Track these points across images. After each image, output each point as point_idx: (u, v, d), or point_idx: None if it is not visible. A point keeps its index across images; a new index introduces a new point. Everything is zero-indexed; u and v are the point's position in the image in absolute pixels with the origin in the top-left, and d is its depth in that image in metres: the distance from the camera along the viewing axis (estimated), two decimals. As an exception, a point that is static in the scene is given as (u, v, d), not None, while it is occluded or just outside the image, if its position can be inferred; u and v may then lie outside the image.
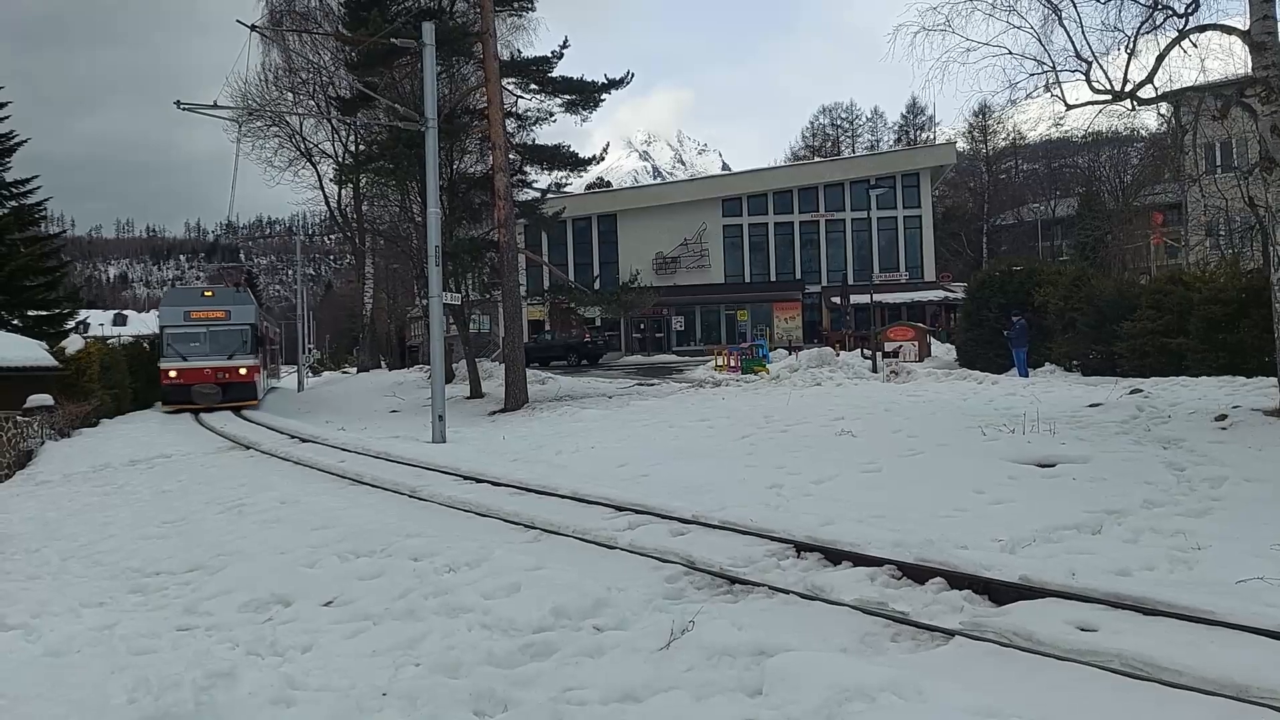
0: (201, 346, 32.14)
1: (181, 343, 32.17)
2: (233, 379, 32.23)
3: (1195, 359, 21.23)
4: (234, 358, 32.34)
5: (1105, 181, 54.08)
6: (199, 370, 31.77)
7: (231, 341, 32.51)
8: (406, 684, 5.37)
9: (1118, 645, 5.25)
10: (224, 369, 32.07)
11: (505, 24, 31.63)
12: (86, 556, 9.38)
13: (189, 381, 31.59)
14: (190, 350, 32.02)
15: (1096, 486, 9.88)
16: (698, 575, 7.56)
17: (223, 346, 32.31)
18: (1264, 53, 12.41)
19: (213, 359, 32.01)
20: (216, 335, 32.39)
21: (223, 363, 32.08)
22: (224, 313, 32.67)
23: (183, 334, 32.33)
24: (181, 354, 31.92)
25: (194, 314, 32.67)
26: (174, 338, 32.31)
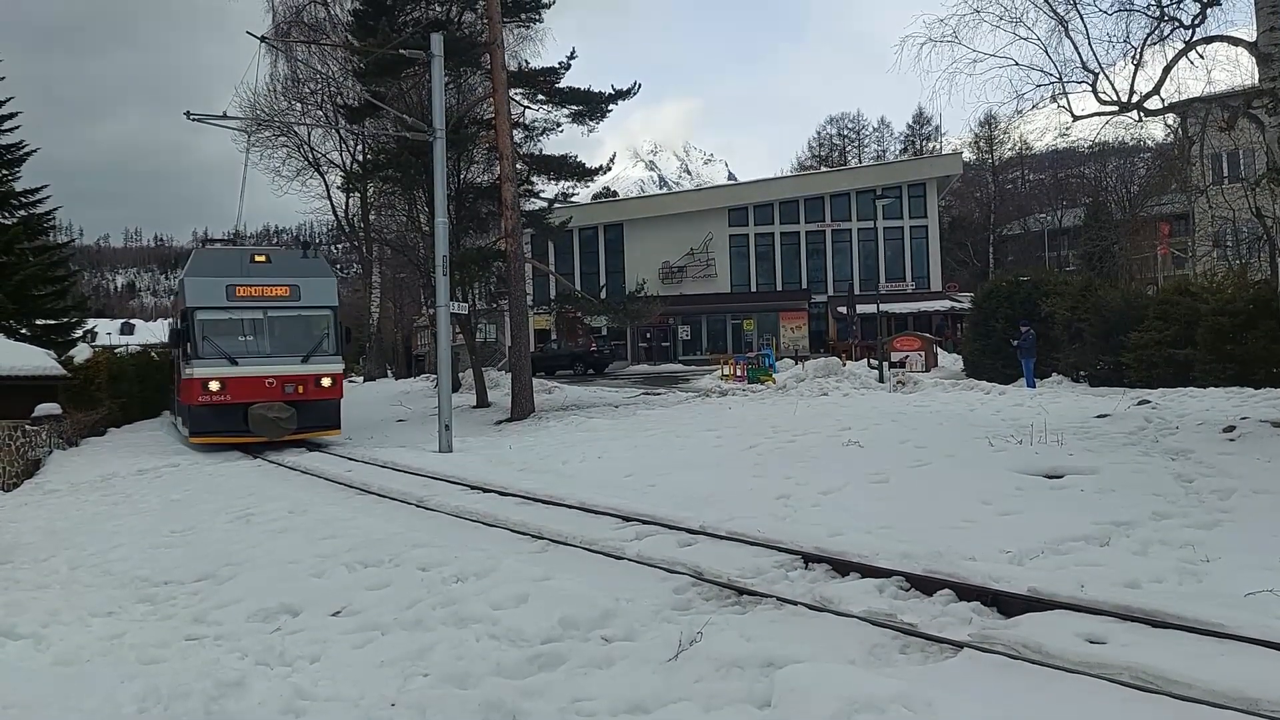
0: (259, 342, 20.54)
1: (225, 335, 20.30)
2: (310, 394, 20.44)
3: (1203, 370, 21.18)
4: (311, 360, 20.64)
5: (1112, 192, 53.99)
6: (258, 381, 19.92)
7: (306, 334, 20.98)
8: (415, 694, 5.38)
9: (1127, 658, 5.24)
10: (297, 379, 20.32)
11: (513, 35, 31.71)
12: (95, 566, 9.41)
13: (243, 398, 19.75)
14: (241, 348, 20.27)
15: (1104, 498, 9.86)
16: (706, 586, 7.56)
17: (293, 343, 20.74)
18: (1271, 64, 12.42)
19: (279, 362, 20.31)
20: (283, 325, 20.84)
21: (295, 368, 20.35)
22: (288, 288, 20.84)
23: (227, 322, 20.47)
24: (226, 353, 19.89)
25: (242, 290, 20.46)
26: (212, 327, 20.22)
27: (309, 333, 21.03)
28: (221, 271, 20.72)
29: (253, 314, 20.65)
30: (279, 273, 21.08)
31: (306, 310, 21.10)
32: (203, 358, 19.80)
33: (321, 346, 20.92)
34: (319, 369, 20.67)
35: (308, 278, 21.25)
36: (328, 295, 21.56)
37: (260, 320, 20.67)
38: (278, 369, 20.15)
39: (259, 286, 20.66)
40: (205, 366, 19.69)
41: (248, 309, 20.57)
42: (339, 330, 21.50)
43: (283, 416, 19.86)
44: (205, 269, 21.03)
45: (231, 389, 19.69)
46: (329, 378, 20.87)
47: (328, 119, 39.54)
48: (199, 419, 19.99)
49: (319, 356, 20.77)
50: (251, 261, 21.16)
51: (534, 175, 30.69)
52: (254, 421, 19.64)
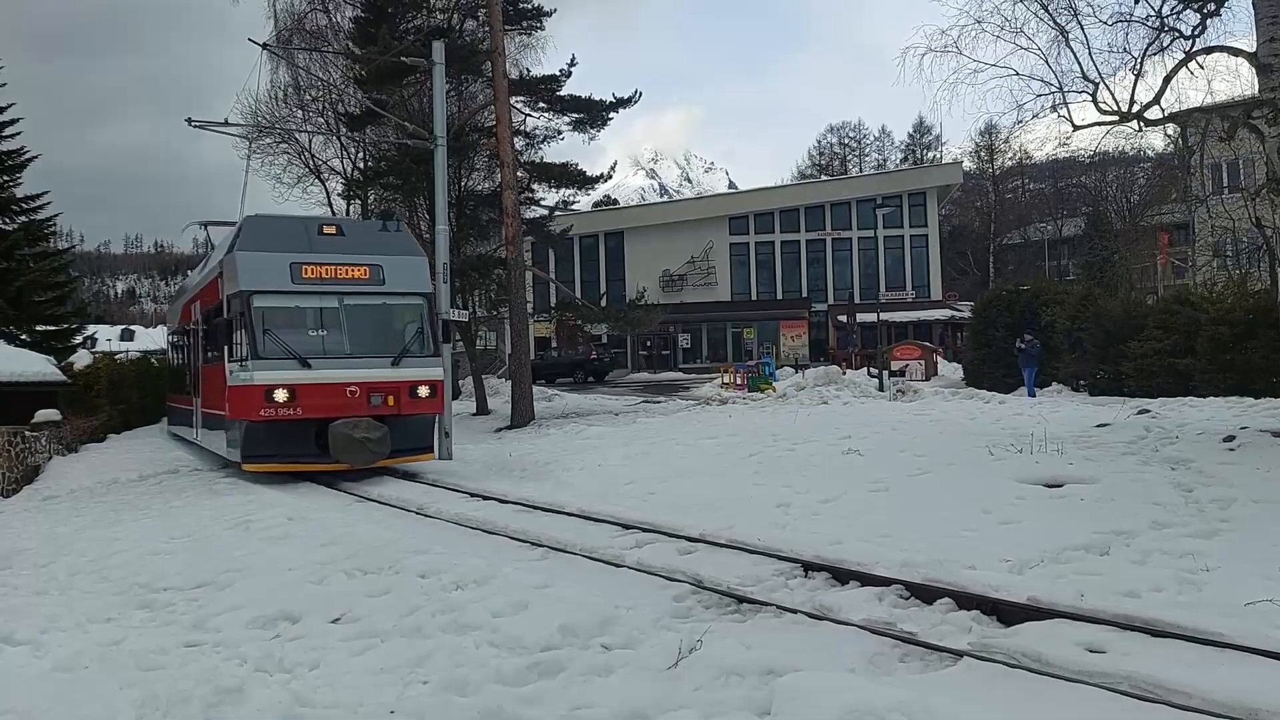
0: (336, 338, 15.71)
1: (291, 328, 15.54)
2: (404, 407, 15.68)
3: (1203, 379, 21.20)
4: (404, 363, 15.81)
5: (1112, 201, 54.06)
6: (338, 390, 15.18)
7: (395, 329, 16.45)
8: (414, 702, 5.37)
9: (1126, 667, 5.24)
10: (387, 387, 15.56)
11: (514, 43, 31.79)
12: (94, 572, 9.39)
13: (317, 412, 15.06)
14: (313, 346, 15.47)
15: (1104, 507, 9.86)
16: (705, 594, 7.56)
17: (379, 339, 16.05)
18: (1271, 74, 12.44)
19: (363, 365, 15.51)
20: (364, 316, 16.11)
21: (384, 374, 15.59)
22: (368, 269, 16.16)
23: (293, 311, 15.80)
24: (296, 353, 15.12)
25: (310, 269, 15.79)
26: (275, 317, 15.48)
27: (398, 327, 16.38)
28: (283, 245, 15.84)
29: (326, 301, 15.67)
30: (355, 248, 16.27)
31: (393, 297, 16.30)
32: (264, 357, 14.84)
33: (415, 345, 16.12)
34: (415, 374, 15.78)
35: (392, 255, 16.43)
36: (418, 278, 16.67)
37: (335, 310, 15.65)
38: (363, 374, 15.24)
39: (332, 266, 15.82)
40: (268, 369, 14.79)
41: (319, 294, 15.63)
42: (436, 323, 16.69)
43: (373, 437, 14.85)
44: (261, 241, 15.93)
45: (303, 399, 14.79)
46: (427, 385, 15.88)
47: (329, 126, 39.59)
48: (257, 439, 15.17)
49: (413, 358, 15.91)
50: (320, 234, 16.26)
51: (535, 183, 30.76)
52: (337, 444, 14.72)
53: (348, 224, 18.39)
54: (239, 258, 15.80)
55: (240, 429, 15.55)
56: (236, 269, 15.73)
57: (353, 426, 14.87)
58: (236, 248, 15.98)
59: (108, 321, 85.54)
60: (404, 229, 17.84)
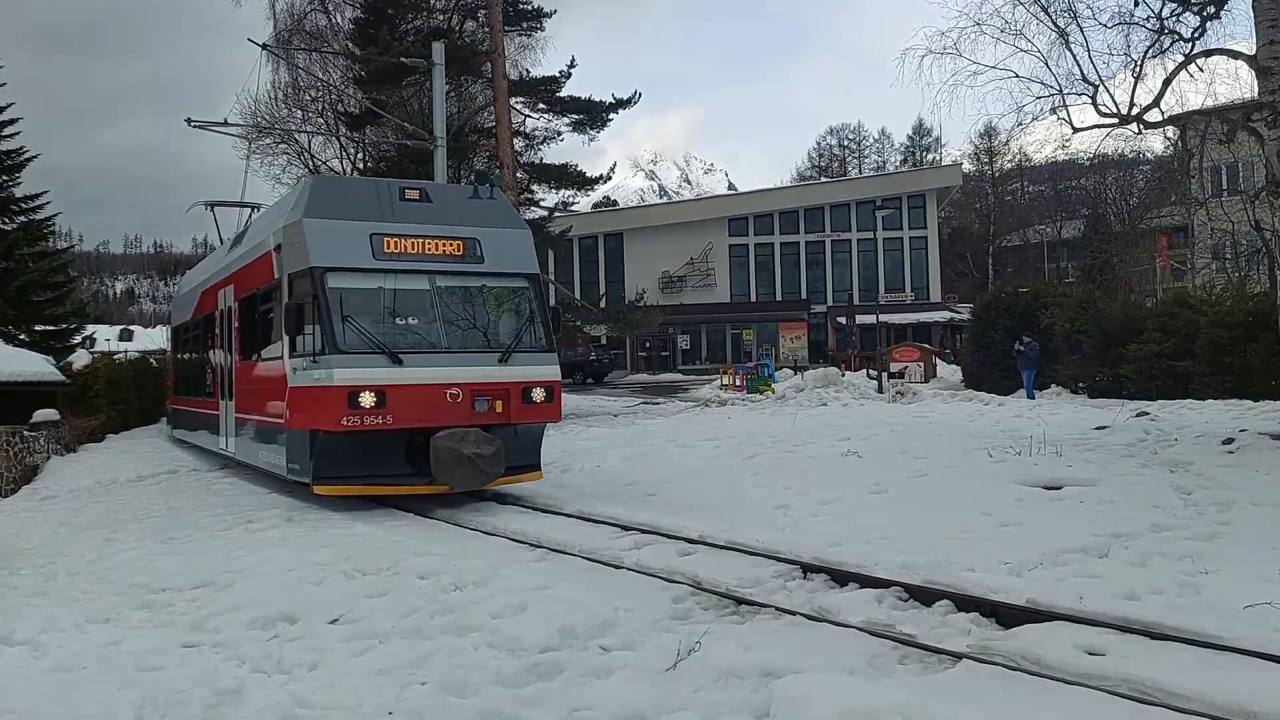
0: (430, 329, 12.75)
1: (374, 316, 12.60)
2: (514, 414, 12.72)
3: (1202, 382, 21.22)
4: (513, 359, 12.82)
5: (1111, 204, 54.09)
6: (436, 394, 12.16)
7: (498, 317, 13.47)
8: (413, 703, 5.37)
9: (1126, 670, 5.24)
10: (495, 389, 12.55)
11: (514, 44, 31.81)
12: (93, 572, 9.37)
13: (411, 421, 12.04)
14: (402, 338, 12.55)
15: (1104, 509, 9.87)
16: (704, 596, 7.56)
17: (480, 330, 13.14)
18: (1270, 77, 12.46)
19: (464, 362, 12.63)
20: (460, 301, 13.19)
21: (491, 372, 12.62)
22: (462, 243, 13.18)
23: (376, 294, 12.74)
24: (384, 346, 12.15)
25: (393, 242, 12.82)
26: (355, 302, 12.52)
27: (501, 314, 13.32)
28: (360, 211, 12.82)
29: (415, 282, 12.70)
30: (445, 218, 13.22)
31: (494, 278, 13.25)
32: (346, 351, 11.82)
33: (525, 337, 13.03)
34: (528, 373, 12.69)
35: (490, 227, 13.36)
36: (523, 255, 13.65)
37: (426, 293, 12.71)
38: (465, 373, 12.27)
39: (419, 239, 12.81)
40: (352, 367, 11.71)
41: (406, 273, 12.66)
42: (546, 310, 13.66)
43: (485, 453, 11.78)
44: (334, 206, 12.88)
45: (395, 405, 11.72)
46: (543, 387, 12.73)
47: (328, 127, 39.59)
48: (333, 454, 12.03)
49: (525, 353, 12.82)
50: (401, 199, 13.15)
51: (534, 184, 30.80)
52: (441, 461, 11.61)
53: (434, 188, 14.48)
54: (308, 226, 12.54)
55: (309, 442, 12.24)
56: (305, 240, 12.47)
57: (460, 439, 11.70)
58: (304, 213, 12.68)
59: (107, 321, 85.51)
60: (500, 195, 14.32)
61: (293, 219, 13.03)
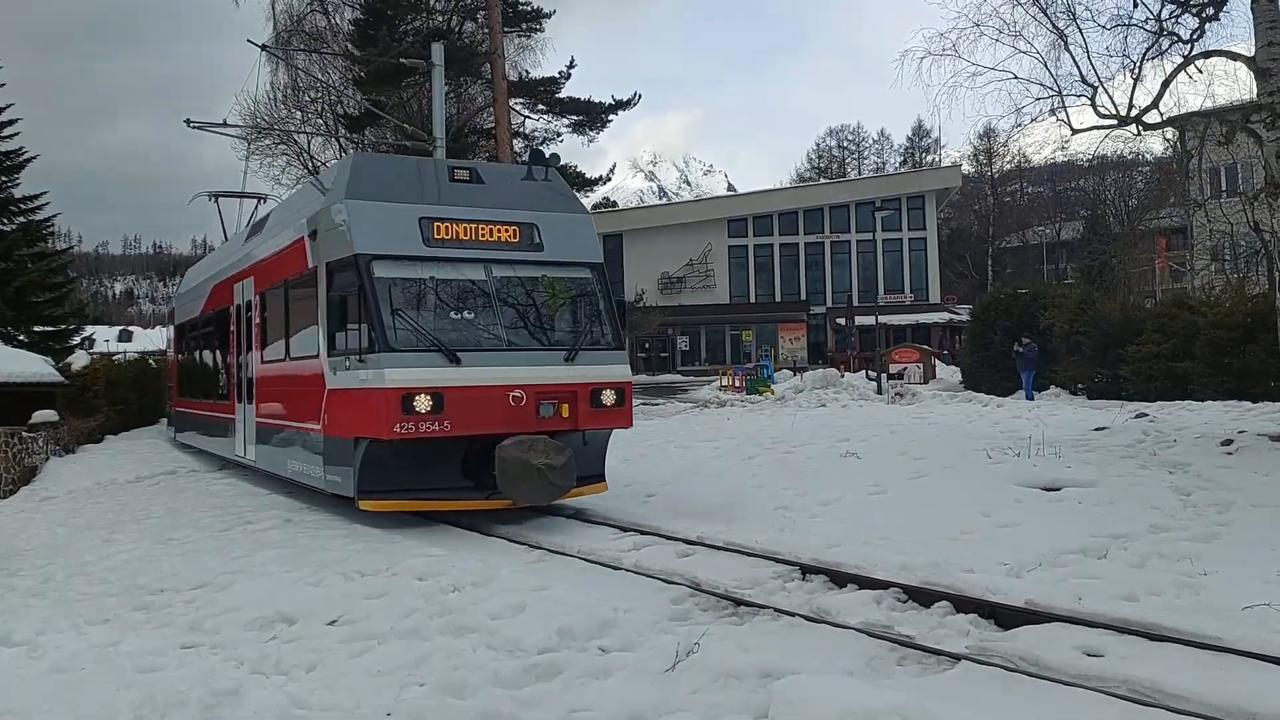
0: (488, 324, 11.37)
1: (427, 310, 11.24)
2: (583, 419, 11.36)
3: (1201, 383, 21.24)
4: (580, 357, 11.51)
5: (1110, 205, 54.08)
6: (498, 396, 10.78)
7: (560, 310, 12.20)
8: (412, 704, 5.37)
9: (1124, 671, 5.24)
10: (561, 391, 11.21)
11: (513, 45, 31.82)
12: (91, 573, 9.37)
13: (471, 428, 10.64)
14: (458, 333, 11.13)
15: (1102, 510, 9.86)
16: (703, 597, 7.57)
17: (542, 325, 11.84)
18: (1269, 79, 12.47)
19: (527, 361, 11.23)
20: (520, 293, 11.88)
21: (557, 372, 11.29)
22: (518, 229, 11.88)
23: (429, 284, 11.35)
24: (439, 342, 10.74)
25: (443, 228, 11.44)
26: (405, 294, 11.17)
27: (563, 307, 12.09)
28: (407, 194, 11.55)
29: (469, 271, 11.41)
30: (499, 200, 11.93)
31: (555, 268, 11.98)
32: (398, 349, 10.51)
33: (591, 332, 11.86)
34: (597, 374, 11.48)
35: (548, 212, 12.16)
36: (584, 242, 12.49)
37: (483, 284, 11.42)
38: (528, 373, 11.00)
39: (473, 224, 11.54)
40: (405, 367, 10.43)
41: (459, 261, 11.39)
42: (613, 303, 12.41)
43: (555, 464, 10.46)
44: (379, 187, 11.57)
45: (453, 410, 10.46)
46: (613, 389, 11.54)
47: (328, 128, 39.60)
48: (382, 465, 10.77)
49: (592, 351, 11.64)
50: (451, 179, 11.95)
51: (534, 185, 30.75)
52: (509, 473, 10.32)
53: (485, 168, 13.04)
54: (352, 209, 11.21)
55: (353, 451, 10.94)
56: (349, 224, 11.13)
57: (528, 448, 10.39)
58: (346, 194, 11.36)
59: (106, 322, 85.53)
60: (557, 176, 12.90)
61: (332, 201, 11.69)
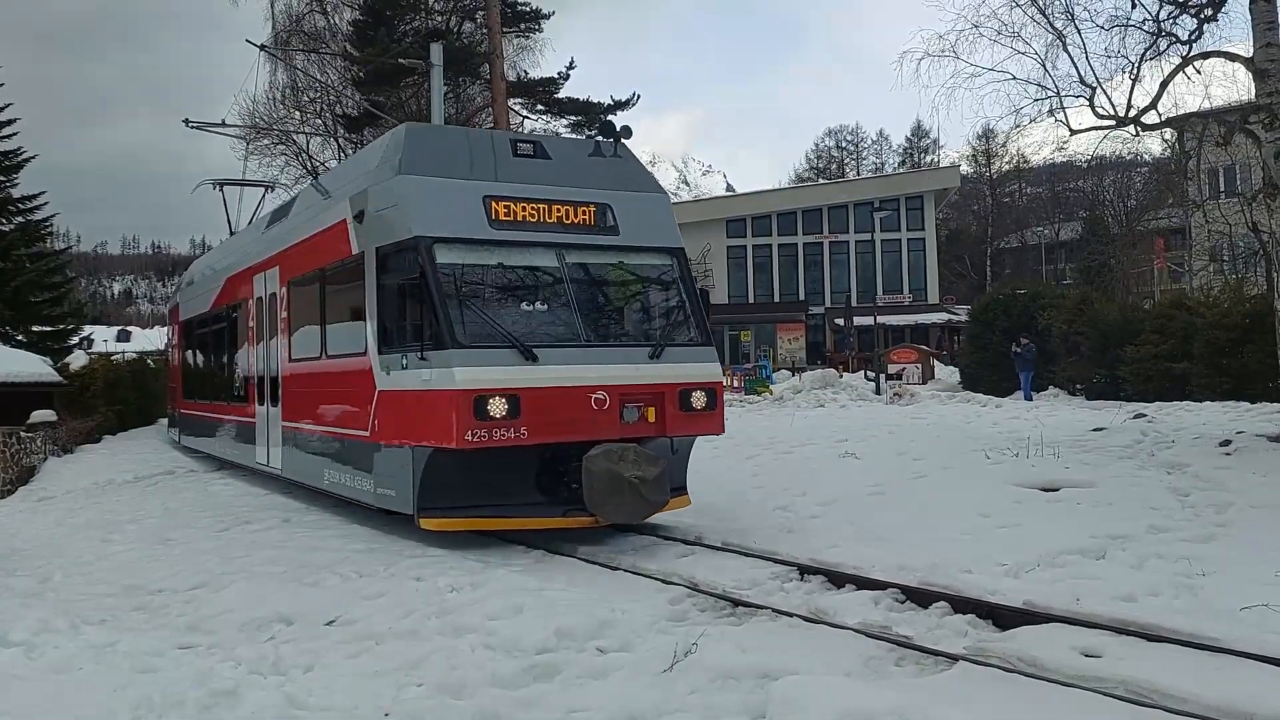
0: (559, 315, 9.94)
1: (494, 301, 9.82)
2: (669, 424, 9.95)
3: (1199, 384, 21.25)
4: (666, 354, 10.03)
5: (1109, 206, 54.13)
6: (579, 398, 9.36)
7: (641, 302, 10.95)
8: (410, 704, 5.37)
9: (1122, 671, 5.24)
10: (647, 391, 9.81)
11: (512, 45, 31.82)
12: (89, 573, 9.37)
13: (551, 435, 9.28)
14: (531, 327, 9.66)
15: (1101, 511, 9.87)
16: (701, 597, 7.56)
17: (619, 317, 10.73)
18: (1267, 79, 12.48)
19: (604, 356, 9.77)
20: (595, 281, 10.49)
21: (641, 371, 9.81)
22: (593, 210, 10.44)
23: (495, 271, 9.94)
24: (512, 337, 9.31)
25: (505, 208, 10.01)
26: (469, 280, 9.72)
27: (642, 298, 10.88)
28: (466, 169, 10.20)
29: (539, 257, 10.08)
30: (568, 178, 10.55)
31: (632, 254, 10.64)
32: (466, 345, 9.18)
33: (675, 326, 10.58)
34: (686, 372, 10.09)
35: (623, 191, 10.78)
36: (663, 224, 11.01)
37: (555, 271, 10.06)
38: (610, 372, 9.62)
39: (541, 204, 10.18)
40: (475, 365, 9.10)
41: (528, 245, 10.05)
42: (696, 293, 10.91)
43: (648, 477, 9.16)
44: (435, 161, 10.22)
45: (530, 414, 9.13)
46: (703, 390, 10.15)
47: (326, 128, 39.58)
48: (447, 478, 9.49)
49: (679, 347, 10.26)
50: (514, 154, 10.55)
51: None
52: (598, 487, 9.04)
53: (551, 142, 11.63)
54: (408, 186, 9.90)
55: (412, 463, 9.58)
56: (406, 203, 9.82)
57: (618, 459, 9.08)
58: (401, 168, 10.07)
59: (104, 322, 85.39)
60: (628, 151, 11.30)
61: (383, 178, 10.34)
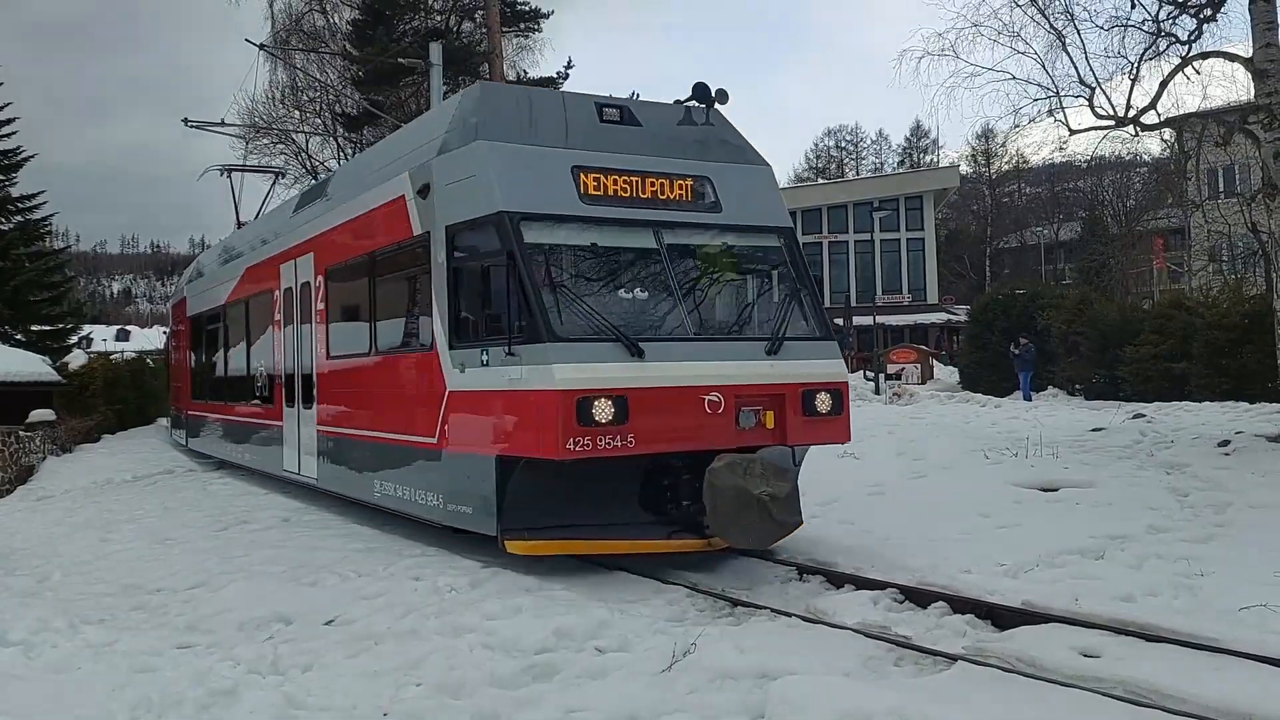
0: (662, 305, 8.58)
1: (590, 288, 8.47)
2: (791, 431, 8.47)
3: (1198, 384, 21.26)
4: (784, 349, 8.54)
5: (1108, 206, 54.09)
6: (692, 400, 7.95)
7: (747, 289, 9.42)
8: (408, 704, 5.37)
9: (1121, 671, 5.24)
10: (766, 393, 8.33)
11: (511, 45, 31.82)
12: (88, 573, 9.36)
13: (661, 441, 7.87)
14: (632, 318, 8.32)
15: (1100, 511, 9.87)
16: (700, 597, 7.56)
17: (727, 308, 9.25)
18: (1267, 79, 12.48)
19: (714, 352, 8.35)
20: (698, 265, 9.01)
21: (757, 370, 8.35)
22: (691, 184, 9.09)
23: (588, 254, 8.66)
24: (615, 330, 7.93)
25: (596, 181, 8.67)
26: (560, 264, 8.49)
27: (751, 285, 9.50)
28: (551, 136, 8.91)
29: (635, 237, 8.81)
30: (661, 147, 9.25)
31: (738, 234, 9.29)
32: (563, 338, 7.91)
33: (792, 317, 9.06)
34: (807, 371, 8.69)
35: (722, 162, 9.48)
36: (769, 201, 9.74)
37: (654, 254, 8.78)
38: (725, 370, 8.26)
39: (635, 176, 8.91)
40: (577, 362, 7.82)
41: (623, 224, 8.77)
42: (810, 279, 9.53)
43: (778, 493, 7.75)
44: (517, 127, 8.89)
45: (638, 419, 7.80)
46: (828, 392, 8.75)
47: (326, 127, 39.58)
48: (539, 493, 8.18)
49: (799, 342, 8.84)
50: (601, 120, 9.24)
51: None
52: (723, 505, 7.66)
53: (639, 106, 9.72)
54: (491, 153, 8.59)
55: (497, 475, 8.19)
56: (486, 172, 8.52)
57: (743, 471, 7.69)
58: (479, 133, 8.72)
59: (103, 322, 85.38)
60: (721, 118, 9.85)
61: (457, 143, 8.97)
